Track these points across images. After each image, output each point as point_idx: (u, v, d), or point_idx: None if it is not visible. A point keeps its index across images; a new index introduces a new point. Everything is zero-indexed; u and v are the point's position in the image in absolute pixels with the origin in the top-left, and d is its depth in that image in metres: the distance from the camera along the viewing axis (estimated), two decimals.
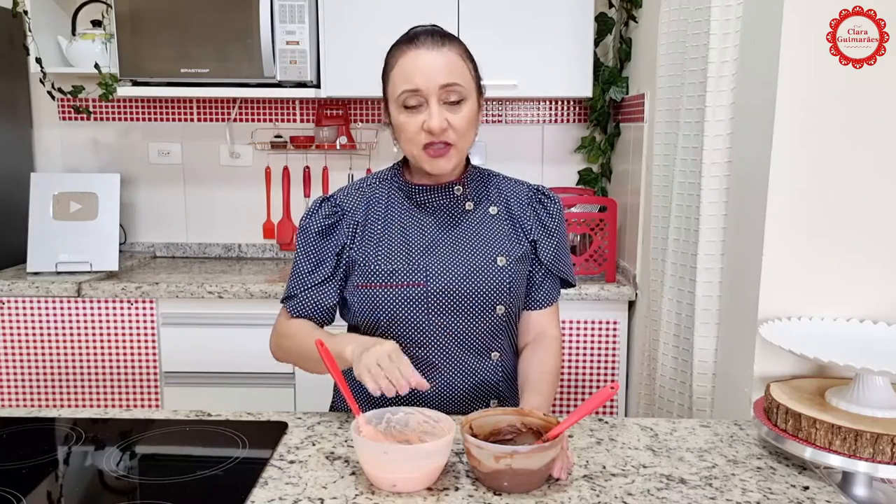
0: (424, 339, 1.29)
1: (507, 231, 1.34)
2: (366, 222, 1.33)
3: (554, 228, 1.37)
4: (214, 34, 2.49)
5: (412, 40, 1.24)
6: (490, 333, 1.31)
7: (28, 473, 1.08)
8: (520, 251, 1.33)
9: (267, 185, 2.98)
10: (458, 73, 1.23)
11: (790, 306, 1.40)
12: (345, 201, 1.35)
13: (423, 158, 1.25)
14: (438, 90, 1.21)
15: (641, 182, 2.32)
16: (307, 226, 1.34)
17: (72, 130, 2.97)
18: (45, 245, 2.56)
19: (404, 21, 2.49)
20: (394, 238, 1.31)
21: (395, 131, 1.29)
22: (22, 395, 2.51)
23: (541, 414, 1.11)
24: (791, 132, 1.37)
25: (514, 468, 1.00)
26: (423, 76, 1.21)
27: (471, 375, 1.31)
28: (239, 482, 1.05)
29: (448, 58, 1.23)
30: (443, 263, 1.29)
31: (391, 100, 1.26)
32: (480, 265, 1.29)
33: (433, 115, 1.21)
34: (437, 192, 1.33)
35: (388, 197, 1.35)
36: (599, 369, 2.51)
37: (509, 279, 1.30)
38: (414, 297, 1.27)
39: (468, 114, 1.25)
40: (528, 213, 1.36)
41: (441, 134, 1.22)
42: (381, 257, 1.29)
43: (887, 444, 1.02)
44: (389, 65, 1.27)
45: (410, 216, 1.33)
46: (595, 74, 2.60)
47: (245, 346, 2.46)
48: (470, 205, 1.34)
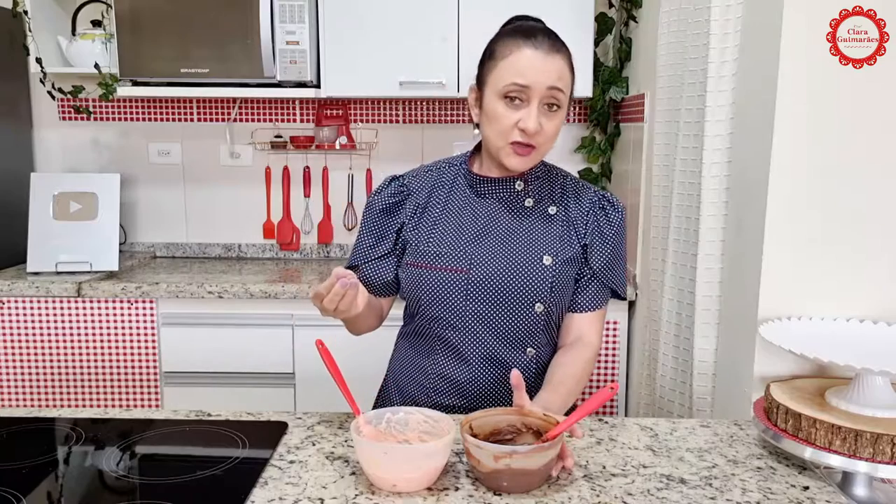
0: (461, 324, 1.31)
1: (561, 232, 1.34)
2: (427, 205, 1.37)
3: (611, 236, 1.36)
4: (214, 34, 2.49)
5: (529, 37, 1.24)
6: (526, 329, 1.32)
7: (28, 473, 1.08)
8: (569, 253, 1.33)
9: (267, 185, 2.98)
10: (565, 80, 1.25)
11: (790, 306, 1.40)
12: (412, 182, 1.39)
13: (507, 152, 1.26)
14: (544, 92, 1.22)
15: (641, 182, 2.32)
16: (374, 202, 1.39)
17: (72, 130, 2.97)
18: (45, 245, 2.56)
19: (404, 21, 2.52)
20: (448, 223, 1.34)
21: (482, 117, 1.29)
22: (22, 395, 2.51)
23: (540, 413, 1.11)
24: (791, 132, 1.37)
25: (514, 468, 1.00)
26: (536, 76, 1.22)
27: (502, 367, 1.32)
28: (239, 482, 1.05)
29: (560, 65, 1.24)
30: (488, 254, 1.31)
31: (492, 87, 1.25)
32: (525, 261, 1.30)
33: (532, 116, 1.22)
34: (499, 184, 1.35)
35: (451, 183, 1.38)
36: (599, 369, 2.51)
37: (552, 279, 1.30)
38: (455, 282, 1.30)
39: (559, 122, 1.27)
40: (587, 217, 1.36)
41: (533, 136, 1.23)
42: (433, 240, 1.33)
43: (887, 444, 1.02)
44: (499, 53, 1.25)
45: (469, 205, 1.35)
46: (595, 74, 2.60)
47: (245, 346, 2.46)
48: (530, 201, 1.35)
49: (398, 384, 1.43)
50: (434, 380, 1.37)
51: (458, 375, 1.34)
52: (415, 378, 1.40)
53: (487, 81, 1.27)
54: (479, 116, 1.30)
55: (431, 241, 1.33)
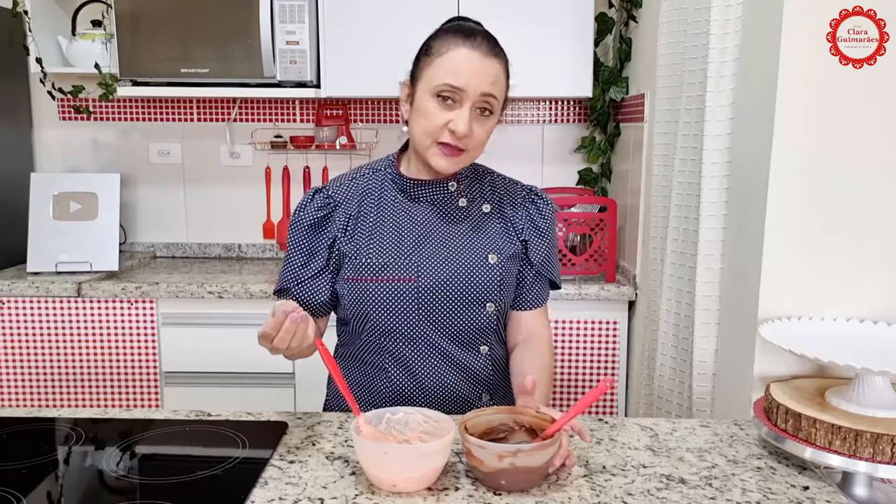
0: (414, 334, 1.29)
1: (500, 229, 1.34)
2: (359, 215, 1.32)
3: (545, 229, 1.37)
4: (214, 34, 2.49)
5: (468, 37, 1.22)
6: (479, 330, 1.32)
7: (28, 473, 1.08)
8: (511, 250, 1.33)
9: (267, 185, 2.98)
10: (499, 86, 1.23)
11: (790, 306, 1.40)
12: (338, 193, 1.34)
13: (433, 152, 1.24)
14: (478, 96, 1.21)
15: (641, 182, 2.32)
16: (299, 218, 1.33)
17: (72, 130, 2.97)
18: (45, 245, 2.56)
19: (404, 21, 2.52)
20: (386, 232, 1.30)
21: (412, 113, 1.26)
22: (22, 395, 2.51)
23: (533, 411, 1.12)
24: (791, 132, 1.37)
25: (517, 466, 1.00)
26: (470, 79, 1.19)
27: (460, 369, 1.32)
28: (239, 482, 1.05)
29: (497, 69, 1.22)
30: (434, 259, 1.29)
31: (425, 84, 1.23)
32: (472, 262, 1.29)
33: (463, 118, 1.20)
34: (432, 187, 1.33)
35: (381, 189, 1.34)
36: (599, 369, 2.51)
37: (500, 277, 1.30)
38: (404, 292, 1.27)
39: (490, 127, 1.25)
40: (520, 213, 1.36)
41: (461, 139, 1.22)
42: (373, 251, 1.29)
43: (887, 444, 1.02)
44: (435, 50, 1.23)
45: (403, 210, 1.32)
46: (595, 74, 2.60)
47: (245, 346, 2.44)
48: (464, 201, 1.34)
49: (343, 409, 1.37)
50: (390, 398, 1.32)
51: (412, 389, 1.31)
52: (366, 399, 1.34)
53: (421, 77, 1.25)
54: (409, 113, 1.27)
55: (372, 253, 1.29)
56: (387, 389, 1.32)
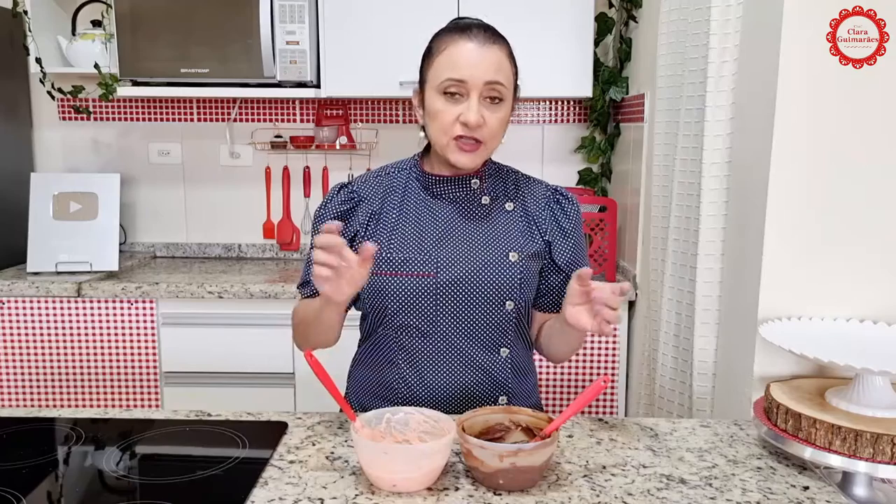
0: (432, 330, 1.29)
1: (522, 228, 1.33)
2: (381, 211, 1.33)
3: (571, 230, 1.36)
4: (214, 34, 2.49)
5: (465, 31, 1.23)
6: (499, 328, 1.31)
7: (28, 473, 1.08)
8: (533, 248, 1.33)
9: (267, 186, 2.98)
10: (504, 73, 1.24)
11: (790, 306, 1.40)
12: (362, 188, 1.35)
13: (451, 149, 1.24)
14: (482, 86, 1.21)
15: (641, 182, 2.32)
16: (323, 212, 1.34)
17: (72, 130, 2.97)
18: (45, 245, 2.56)
19: (404, 21, 2.52)
20: (407, 228, 1.31)
21: (426, 117, 1.27)
22: (22, 395, 2.51)
23: (529, 411, 1.12)
24: (791, 132, 1.37)
25: (518, 466, 1.00)
26: (471, 69, 1.20)
27: (479, 370, 1.31)
28: (239, 482, 1.05)
29: (498, 56, 1.23)
30: (455, 255, 1.29)
31: (430, 84, 1.24)
32: (492, 259, 1.29)
33: (472, 108, 1.21)
34: (455, 183, 1.33)
35: (405, 186, 1.35)
36: (599, 369, 2.51)
37: (520, 275, 1.30)
38: (424, 288, 1.27)
39: (503, 115, 1.25)
40: (544, 213, 1.36)
41: (475, 129, 1.22)
42: (394, 246, 1.30)
43: (887, 444, 1.02)
44: (435, 49, 1.25)
45: (426, 206, 1.33)
46: (595, 74, 2.60)
47: (245, 346, 2.46)
48: (486, 199, 1.34)
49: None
50: (400, 395, 1.31)
51: (418, 386, 1.30)
52: (378, 393, 1.34)
53: (427, 79, 1.26)
54: (424, 117, 1.29)
55: (393, 248, 1.29)
56: (398, 385, 1.32)
